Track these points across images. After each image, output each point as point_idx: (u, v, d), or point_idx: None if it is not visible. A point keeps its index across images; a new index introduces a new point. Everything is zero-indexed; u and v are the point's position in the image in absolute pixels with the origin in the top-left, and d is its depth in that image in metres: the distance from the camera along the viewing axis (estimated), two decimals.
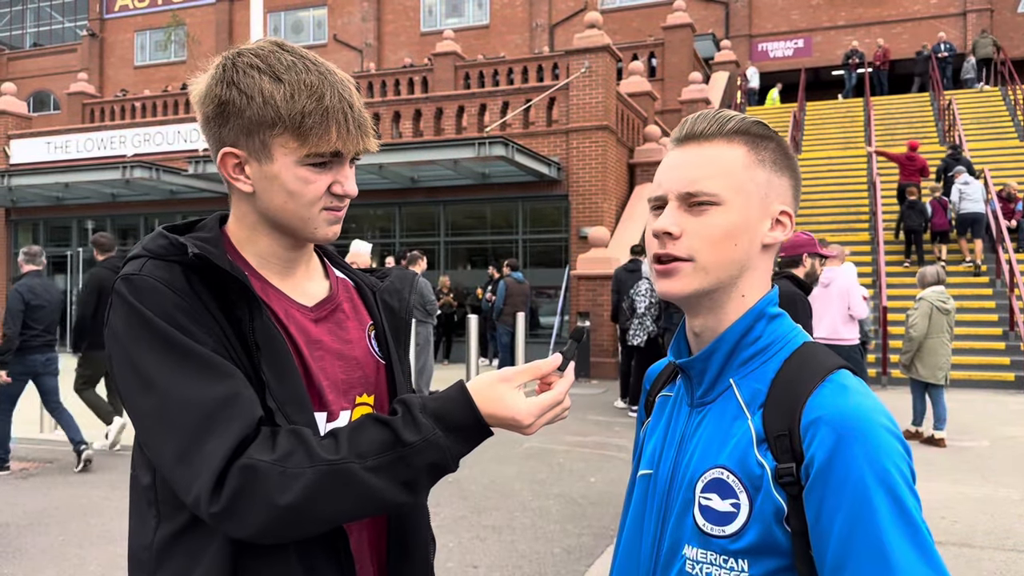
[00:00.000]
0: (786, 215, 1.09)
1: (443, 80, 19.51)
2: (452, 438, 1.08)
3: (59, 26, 35.20)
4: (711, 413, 1.07)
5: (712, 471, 1.02)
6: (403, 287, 1.38)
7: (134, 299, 1.07)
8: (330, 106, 1.10)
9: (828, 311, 7.31)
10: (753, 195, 1.06)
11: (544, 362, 1.15)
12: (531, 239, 15.02)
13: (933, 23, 23.76)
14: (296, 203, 1.13)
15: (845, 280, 7.39)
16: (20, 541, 4.87)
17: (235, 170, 1.15)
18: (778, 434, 0.97)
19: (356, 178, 1.22)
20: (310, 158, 1.11)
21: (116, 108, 20.95)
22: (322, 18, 29.73)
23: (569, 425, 8.59)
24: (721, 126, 1.07)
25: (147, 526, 1.13)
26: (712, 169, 1.05)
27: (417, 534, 1.29)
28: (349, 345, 1.24)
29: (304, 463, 1.01)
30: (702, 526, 1.01)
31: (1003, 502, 5.66)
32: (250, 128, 1.11)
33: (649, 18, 25.04)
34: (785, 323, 1.09)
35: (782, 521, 0.96)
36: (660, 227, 1.06)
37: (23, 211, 18.92)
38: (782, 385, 1.01)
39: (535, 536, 4.94)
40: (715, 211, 1.04)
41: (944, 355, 7.60)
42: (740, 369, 1.06)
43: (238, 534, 1.02)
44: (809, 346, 1.05)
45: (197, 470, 1.01)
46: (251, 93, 1.09)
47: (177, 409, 1.03)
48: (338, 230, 1.19)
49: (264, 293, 1.18)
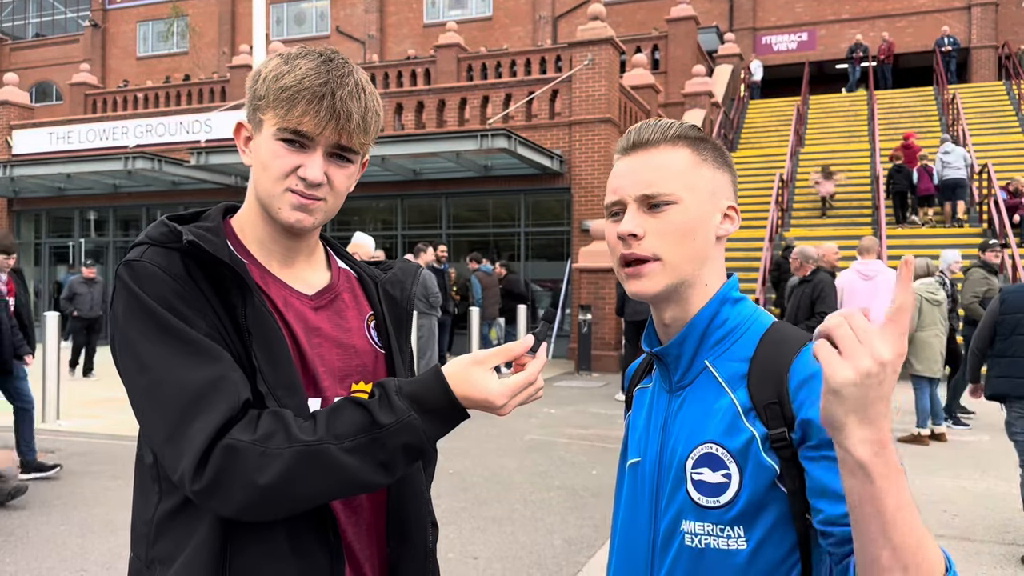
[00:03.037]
0: (732, 209, 1.18)
1: (446, 72, 19.47)
2: (427, 420, 1.10)
3: (61, 17, 35.15)
4: (690, 395, 1.14)
5: (701, 447, 1.08)
6: (406, 278, 1.41)
7: (133, 284, 1.11)
8: (309, 87, 1.14)
9: (875, 303, 7.29)
10: (703, 191, 1.14)
11: (516, 344, 1.17)
12: (533, 232, 15.02)
13: (938, 17, 23.65)
14: (266, 177, 1.19)
15: (889, 273, 7.50)
16: (23, 531, 4.89)
17: (245, 142, 1.24)
18: (768, 403, 1.04)
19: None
20: (282, 132, 1.16)
21: (118, 99, 20.95)
22: (325, 9, 29.64)
23: (571, 418, 8.61)
24: (664, 132, 1.16)
25: (150, 502, 1.18)
26: (665, 171, 1.13)
27: (417, 519, 1.31)
28: (348, 334, 1.27)
29: (283, 444, 1.05)
30: (697, 499, 1.07)
31: (1003, 496, 5.67)
32: (255, 103, 1.20)
33: (653, 11, 24.95)
34: (747, 306, 1.17)
35: (775, 483, 1.02)
36: (625, 229, 1.12)
37: (25, 202, 18.93)
38: (764, 360, 1.08)
39: (536, 527, 4.95)
40: (673, 210, 1.12)
41: (938, 348, 7.48)
42: (712, 350, 1.14)
43: (221, 511, 1.07)
44: (779, 325, 1.14)
45: (183, 449, 1.05)
46: (263, 72, 1.19)
47: (167, 390, 1.07)
48: (303, 218, 1.19)
49: (263, 281, 1.21)
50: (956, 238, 14.12)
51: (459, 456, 6.70)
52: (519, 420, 8.30)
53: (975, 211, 15.11)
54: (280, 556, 1.13)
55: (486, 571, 4.26)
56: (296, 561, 1.14)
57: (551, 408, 9.18)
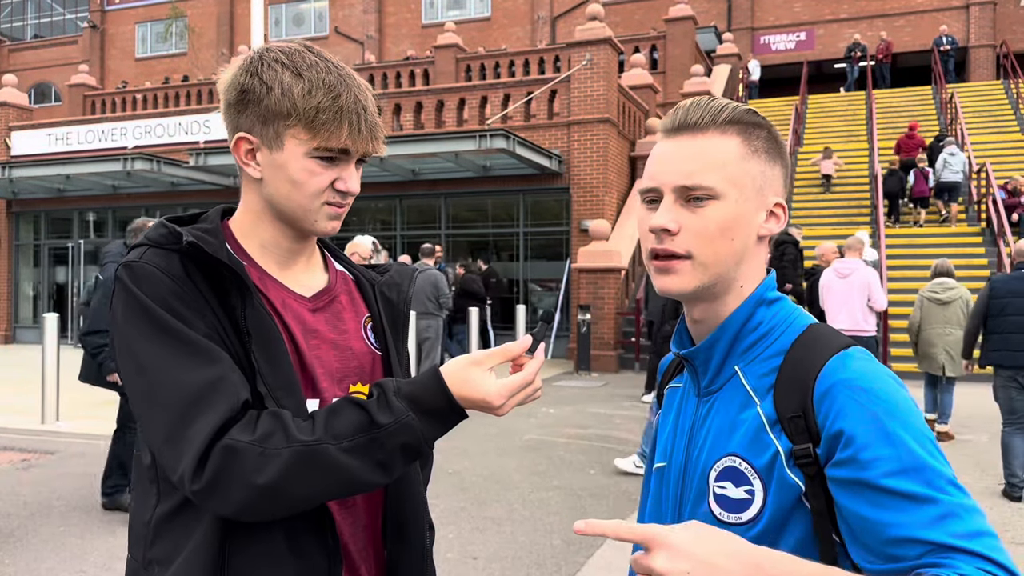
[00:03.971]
0: (780, 207, 1.08)
1: (444, 72, 19.47)
2: (425, 420, 1.11)
3: (60, 18, 35.11)
4: (718, 402, 1.07)
5: (724, 459, 1.02)
6: (402, 281, 1.42)
7: (133, 285, 1.12)
8: (344, 105, 1.15)
9: (848, 302, 7.36)
10: (749, 187, 1.05)
11: (514, 344, 1.16)
12: (532, 232, 15.02)
13: (936, 16, 23.67)
14: (300, 193, 1.19)
15: (865, 272, 7.43)
16: (21, 531, 4.89)
17: (247, 156, 1.21)
18: (792, 415, 0.97)
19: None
20: (319, 151, 1.16)
21: (117, 100, 20.93)
22: (323, 10, 29.64)
23: (570, 418, 8.61)
24: (715, 116, 1.05)
25: (148, 503, 1.18)
26: (708, 161, 1.03)
27: (414, 520, 1.32)
28: (345, 336, 1.28)
29: (281, 444, 1.05)
30: (718, 515, 1.01)
31: (1003, 495, 5.69)
32: (266, 117, 1.17)
33: (651, 11, 24.96)
34: (785, 306, 1.09)
35: (800, 501, 0.96)
36: (658, 224, 1.04)
37: (24, 203, 18.92)
38: (791, 367, 1.00)
39: (535, 527, 4.95)
40: (713, 205, 1.03)
41: (941, 347, 7.47)
42: (743, 356, 1.06)
43: (220, 511, 1.07)
44: (815, 328, 1.05)
45: (182, 449, 1.05)
46: (272, 84, 1.16)
47: (166, 391, 1.08)
48: (338, 225, 1.24)
49: (262, 283, 1.22)
50: (951, 237, 14.25)
51: (458, 456, 6.71)
52: (518, 420, 8.31)
53: (973, 210, 15.15)
54: (278, 557, 1.14)
55: (485, 571, 4.27)
56: (294, 562, 1.14)
57: (550, 408, 9.18)
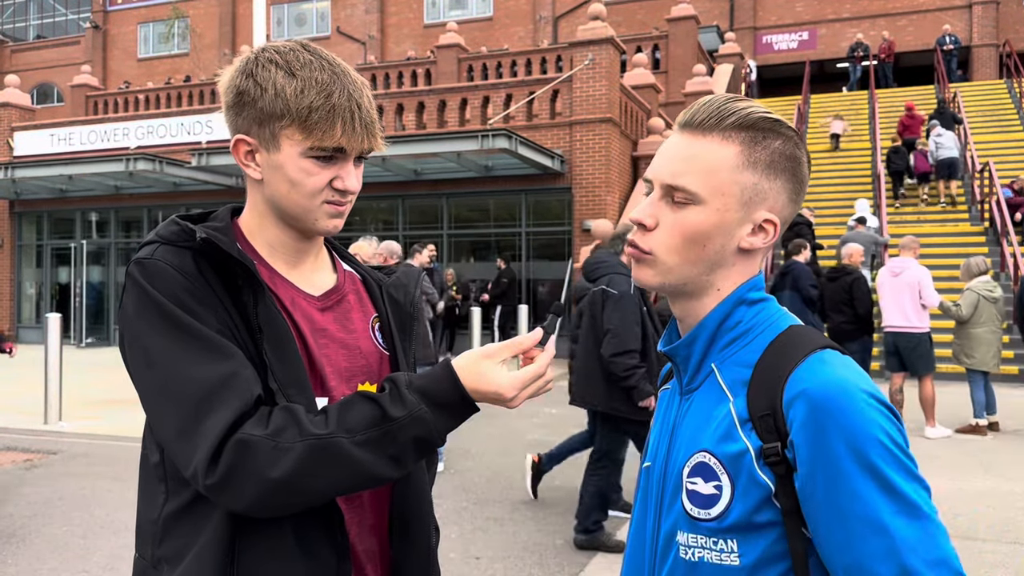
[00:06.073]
0: (770, 223, 1.06)
1: (446, 72, 19.47)
2: (437, 413, 1.11)
3: (62, 18, 35.16)
4: (696, 400, 1.08)
5: (697, 455, 1.03)
6: (409, 282, 1.45)
7: (145, 281, 1.12)
8: (337, 104, 1.15)
9: (899, 299, 7.68)
10: (735, 198, 1.04)
11: (525, 337, 1.18)
12: (534, 232, 15.01)
13: (938, 15, 23.65)
14: (298, 193, 1.19)
15: (916, 270, 7.69)
16: (24, 531, 4.89)
17: (246, 157, 1.21)
18: (762, 414, 0.97)
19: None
20: (313, 151, 1.16)
21: (119, 100, 20.94)
22: (325, 10, 29.65)
23: (572, 417, 8.60)
24: (720, 119, 1.04)
25: (155, 502, 1.18)
26: (698, 165, 1.04)
27: (420, 519, 1.32)
28: (353, 335, 1.29)
29: (295, 438, 1.05)
30: (689, 511, 1.02)
31: (1006, 495, 5.68)
32: (261, 118, 1.17)
33: (653, 10, 24.95)
34: (769, 307, 1.08)
35: (770, 500, 0.96)
36: (635, 217, 1.08)
37: (27, 203, 18.94)
38: (765, 366, 1.00)
39: (537, 527, 4.95)
40: (692, 209, 1.04)
41: (994, 343, 7.86)
42: (721, 354, 1.07)
43: (233, 506, 1.07)
44: (795, 328, 1.04)
45: (196, 444, 1.05)
46: (265, 85, 1.16)
47: (179, 386, 1.08)
48: (339, 223, 1.24)
49: (272, 281, 1.22)
50: (954, 236, 14.33)
51: (460, 456, 6.70)
52: (520, 420, 8.30)
53: (976, 210, 15.14)
54: (287, 555, 1.13)
55: (488, 571, 4.26)
56: (303, 559, 1.14)
57: (552, 408, 9.17)
